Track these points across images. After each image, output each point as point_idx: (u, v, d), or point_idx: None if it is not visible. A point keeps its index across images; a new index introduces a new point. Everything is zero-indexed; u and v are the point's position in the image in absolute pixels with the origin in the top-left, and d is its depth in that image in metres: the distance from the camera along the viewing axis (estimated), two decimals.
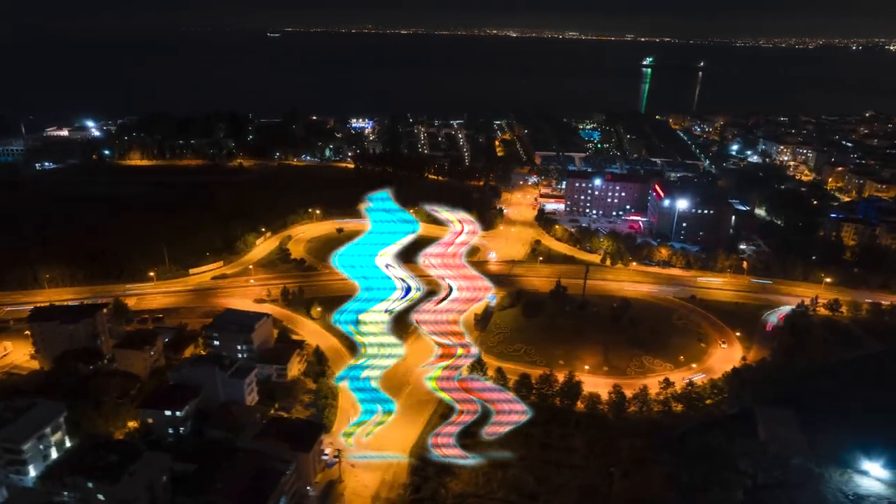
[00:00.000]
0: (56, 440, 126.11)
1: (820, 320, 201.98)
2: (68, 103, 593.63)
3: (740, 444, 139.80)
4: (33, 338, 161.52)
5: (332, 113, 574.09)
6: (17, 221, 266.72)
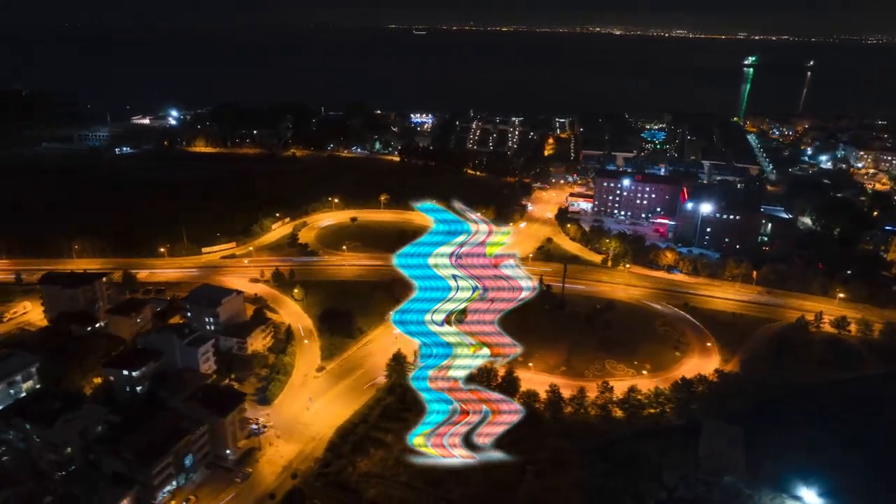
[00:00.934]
0: (27, 387, 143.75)
1: (822, 337, 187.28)
2: (175, 94, 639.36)
3: (674, 457, 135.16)
4: (42, 299, 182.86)
5: (400, 107, 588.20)
6: (77, 197, 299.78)
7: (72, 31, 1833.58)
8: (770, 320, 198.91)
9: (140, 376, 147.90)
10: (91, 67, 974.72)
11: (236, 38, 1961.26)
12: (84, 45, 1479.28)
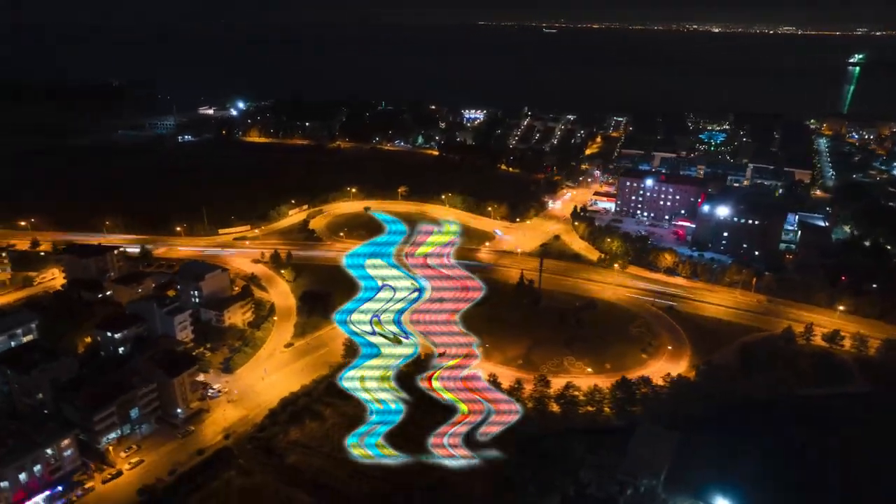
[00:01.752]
0: (27, 340, 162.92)
1: (811, 351, 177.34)
2: (248, 87, 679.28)
3: (600, 456, 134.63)
4: (62, 266, 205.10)
5: (457, 103, 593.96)
6: (130, 178, 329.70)
7: (170, 30, 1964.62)
8: (760, 329, 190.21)
9: (122, 339, 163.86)
10: (179, 64, 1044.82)
11: (325, 35, 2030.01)
12: (178, 44, 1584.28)
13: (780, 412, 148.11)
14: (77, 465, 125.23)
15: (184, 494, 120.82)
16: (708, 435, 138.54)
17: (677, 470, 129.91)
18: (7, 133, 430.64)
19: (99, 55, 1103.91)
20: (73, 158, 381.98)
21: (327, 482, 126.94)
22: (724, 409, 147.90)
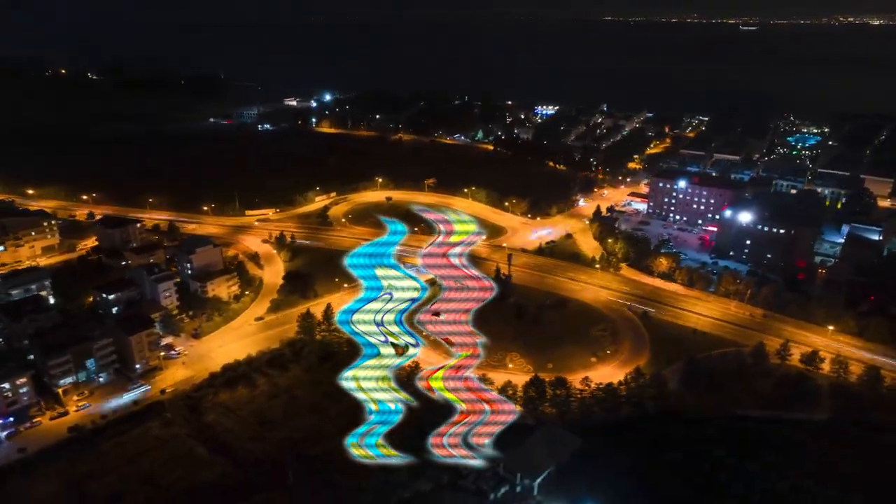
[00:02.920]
0: (42, 294, 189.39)
1: (784, 371, 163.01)
2: (342, 78, 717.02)
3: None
4: (96, 236, 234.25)
5: (537, 98, 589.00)
6: (201, 161, 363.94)
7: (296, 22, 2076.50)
8: (736, 344, 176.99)
9: (115, 300, 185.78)
10: (286, 57, 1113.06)
11: (449, 28, 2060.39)
12: (299, 37, 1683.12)
13: (701, 430, 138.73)
14: (33, 402, 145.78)
15: (106, 436, 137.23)
16: (620, 445, 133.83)
17: (567, 474, 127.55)
18: (111, 119, 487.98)
19: (222, 49, 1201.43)
20: (159, 144, 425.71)
21: (230, 441, 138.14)
22: (640, 420, 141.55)
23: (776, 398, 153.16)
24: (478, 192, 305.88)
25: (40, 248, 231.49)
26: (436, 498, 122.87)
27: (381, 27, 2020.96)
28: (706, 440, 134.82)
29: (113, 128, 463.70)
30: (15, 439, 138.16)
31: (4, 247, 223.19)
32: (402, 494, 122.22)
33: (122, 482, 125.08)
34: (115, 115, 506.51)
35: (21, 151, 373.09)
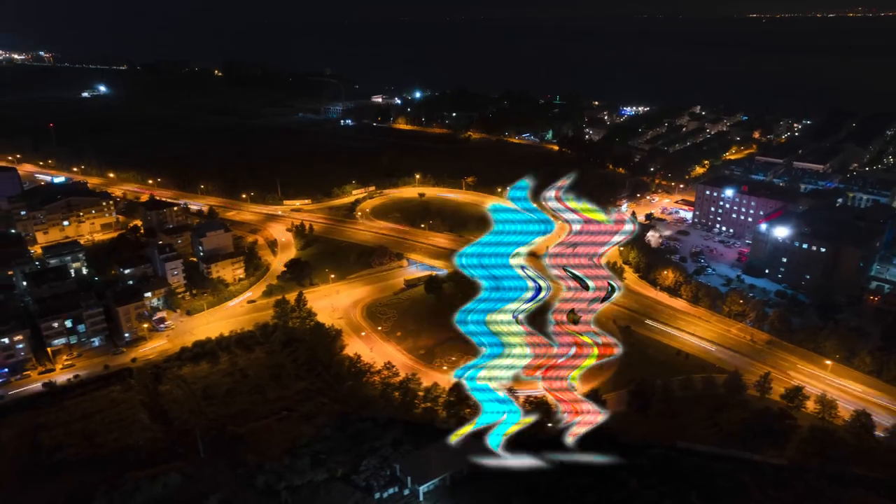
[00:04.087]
0: (76, 266, 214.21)
1: (758, 406, 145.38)
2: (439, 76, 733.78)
3: (403, 452, 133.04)
4: (140, 217, 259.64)
5: (629, 99, 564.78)
6: (272, 152, 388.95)
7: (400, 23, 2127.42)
8: (722, 371, 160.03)
9: (129, 274, 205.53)
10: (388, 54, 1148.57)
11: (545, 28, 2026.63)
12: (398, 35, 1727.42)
13: (630, 458, 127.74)
14: (28, 357, 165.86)
15: (73, 393, 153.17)
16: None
17: (461, 485, 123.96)
18: (210, 112, 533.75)
19: (327, 49, 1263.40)
20: (242, 135, 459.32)
21: (172, 410, 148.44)
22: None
23: (739, 434, 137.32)
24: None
25: (99, 224, 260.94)
26: (325, 489, 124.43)
27: (485, 27, 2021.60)
28: (629, 469, 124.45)
29: (210, 120, 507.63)
30: (5, 387, 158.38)
31: (69, 222, 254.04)
32: (295, 481, 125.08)
33: (66, 435, 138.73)
34: (216, 109, 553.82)
35: (128, 139, 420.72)
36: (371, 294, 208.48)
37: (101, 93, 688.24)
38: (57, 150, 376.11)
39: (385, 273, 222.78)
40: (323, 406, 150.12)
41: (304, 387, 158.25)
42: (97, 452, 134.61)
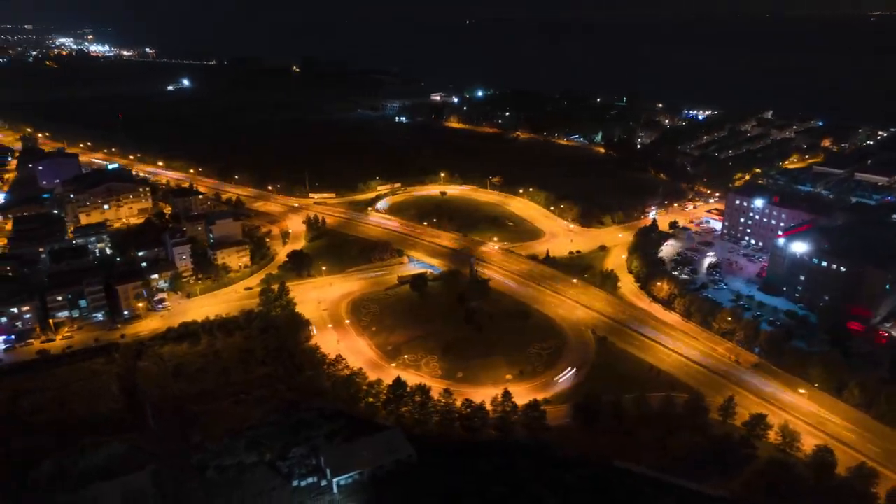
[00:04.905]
0: (101, 247, 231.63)
1: (715, 432, 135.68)
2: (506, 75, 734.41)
3: (335, 445, 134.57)
4: (169, 204, 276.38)
5: (699, 102, 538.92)
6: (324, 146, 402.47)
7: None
8: (694, 391, 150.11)
9: (143, 257, 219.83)
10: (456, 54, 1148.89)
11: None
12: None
13: (558, 473, 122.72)
14: (33, 327, 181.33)
15: (62, 362, 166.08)
16: (445, 465, 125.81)
17: (381, 482, 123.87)
18: (274, 107, 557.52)
19: (403, 47, 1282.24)
20: (299, 130, 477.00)
21: (141, 384, 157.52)
22: (486, 446, 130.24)
23: (687, 460, 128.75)
24: (536, 193, 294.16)
25: (137, 209, 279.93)
26: (251, 472, 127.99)
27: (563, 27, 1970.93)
28: (551, 485, 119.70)
29: (272, 115, 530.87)
30: (9, 353, 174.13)
31: (109, 206, 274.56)
32: (226, 462, 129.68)
33: (41, 399, 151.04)
34: (280, 104, 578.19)
35: (188, 130, 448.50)
36: (363, 288, 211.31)
37: (184, 86, 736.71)
38: (122, 138, 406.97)
39: (383, 269, 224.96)
40: (276, 392, 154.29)
41: (266, 372, 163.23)
42: (65, 418, 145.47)
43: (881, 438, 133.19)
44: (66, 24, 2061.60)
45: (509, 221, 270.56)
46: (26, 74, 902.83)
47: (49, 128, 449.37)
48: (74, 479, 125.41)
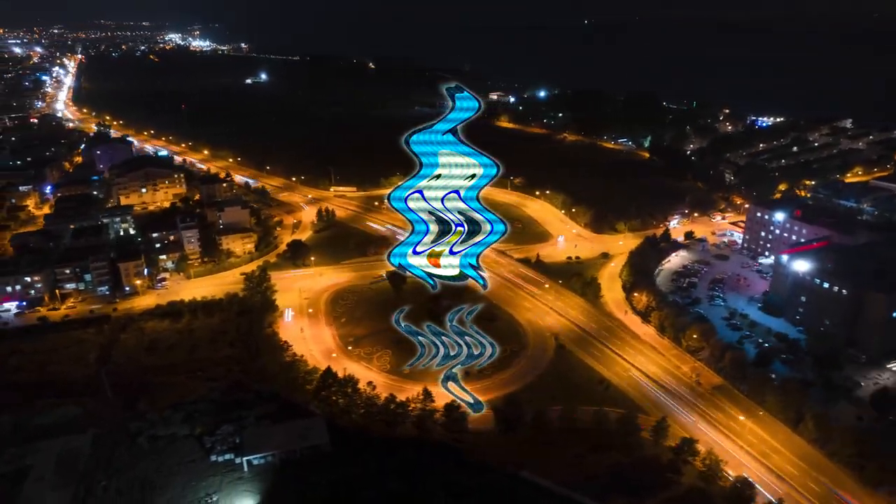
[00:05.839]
0: (125, 227, 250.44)
1: (647, 453, 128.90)
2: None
3: (253, 428, 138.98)
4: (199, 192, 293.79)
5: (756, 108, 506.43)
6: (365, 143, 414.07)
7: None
8: (641, 410, 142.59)
9: (156, 238, 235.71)
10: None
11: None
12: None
13: (472, 477, 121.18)
14: (42, 296, 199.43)
15: (56, 329, 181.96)
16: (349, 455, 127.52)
17: (291, 464, 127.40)
18: (335, 103, 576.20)
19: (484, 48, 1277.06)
20: (350, 125, 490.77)
21: (115, 355, 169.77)
22: (400, 443, 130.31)
23: (601, 479, 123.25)
24: (554, 196, 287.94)
25: (172, 194, 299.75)
26: (179, 444, 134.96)
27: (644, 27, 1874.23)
28: (448, 486, 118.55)
29: (331, 110, 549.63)
30: (18, 317, 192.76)
31: (146, 189, 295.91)
32: (159, 432, 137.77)
33: (26, 361, 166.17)
34: (343, 101, 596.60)
35: (246, 122, 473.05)
36: (351, 280, 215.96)
37: (261, 80, 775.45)
38: (184, 127, 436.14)
39: (375, 262, 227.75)
40: (229, 372, 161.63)
41: (230, 353, 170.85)
42: (40, 379, 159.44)
43: (828, 477, 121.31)
44: (180, 21, 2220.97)
45: (518, 223, 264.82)
46: (129, 67, 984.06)
47: (126, 116, 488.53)
48: (27, 435, 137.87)
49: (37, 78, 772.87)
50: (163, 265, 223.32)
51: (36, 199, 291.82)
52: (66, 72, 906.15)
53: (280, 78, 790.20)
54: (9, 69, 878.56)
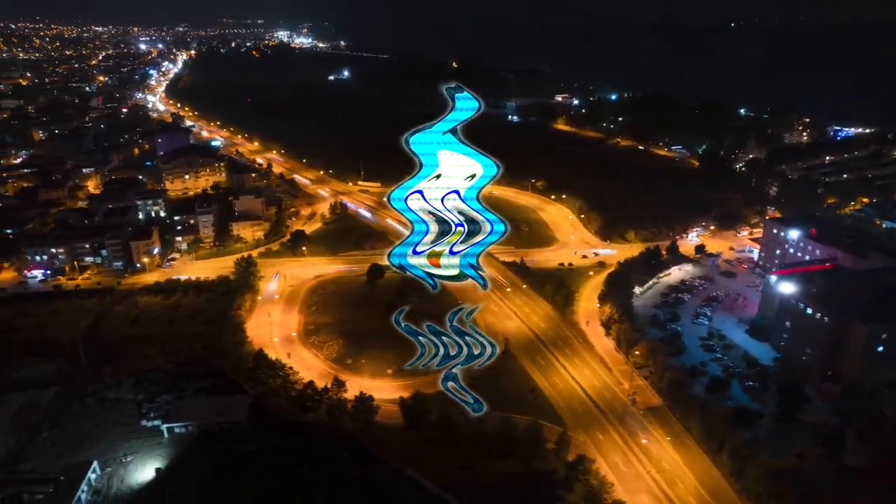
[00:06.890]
0: (155, 209, 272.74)
1: (545, 466, 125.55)
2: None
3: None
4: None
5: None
6: None
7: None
8: (562, 423, 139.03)
9: (178, 221, 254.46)
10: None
11: None
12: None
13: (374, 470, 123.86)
14: (64, 267, 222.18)
15: (63, 296, 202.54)
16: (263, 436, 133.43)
17: (207, 434, 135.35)
18: (406, 101, 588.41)
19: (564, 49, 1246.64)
20: (416, 122, 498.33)
21: (102, 323, 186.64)
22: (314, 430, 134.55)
23: (490, 486, 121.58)
24: (571, 201, 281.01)
25: (212, 181, 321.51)
26: (120, 407, 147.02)
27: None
28: (333, 474, 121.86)
29: (393, 109, 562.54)
30: (42, 283, 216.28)
31: (189, 176, 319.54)
32: (109, 395, 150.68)
33: (26, 321, 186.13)
34: (416, 99, 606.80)
35: (310, 120, 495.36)
36: (339, 272, 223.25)
37: (343, 77, 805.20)
38: (246, 119, 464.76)
39: (370, 256, 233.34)
40: (192, 349, 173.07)
41: (201, 330, 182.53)
42: (35, 339, 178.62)
43: None
44: (291, 19, 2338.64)
45: (525, 226, 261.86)
46: (232, 62, 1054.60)
47: (202, 107, 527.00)
48: (1, 387, 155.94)
49: (145, 72, 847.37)
50: (178, 246, 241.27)
51: (97, 181, 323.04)
52: (175, 66, 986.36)
53: (361, 74, 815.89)
54: (127, 64, 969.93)
